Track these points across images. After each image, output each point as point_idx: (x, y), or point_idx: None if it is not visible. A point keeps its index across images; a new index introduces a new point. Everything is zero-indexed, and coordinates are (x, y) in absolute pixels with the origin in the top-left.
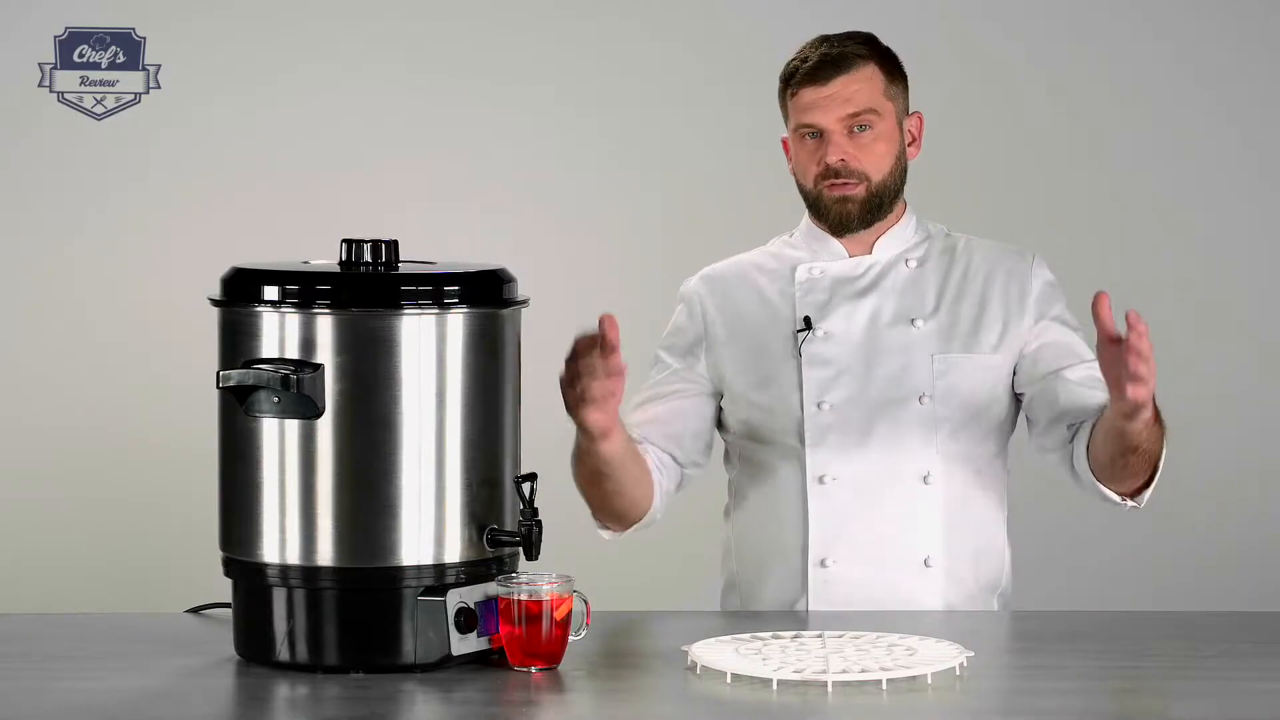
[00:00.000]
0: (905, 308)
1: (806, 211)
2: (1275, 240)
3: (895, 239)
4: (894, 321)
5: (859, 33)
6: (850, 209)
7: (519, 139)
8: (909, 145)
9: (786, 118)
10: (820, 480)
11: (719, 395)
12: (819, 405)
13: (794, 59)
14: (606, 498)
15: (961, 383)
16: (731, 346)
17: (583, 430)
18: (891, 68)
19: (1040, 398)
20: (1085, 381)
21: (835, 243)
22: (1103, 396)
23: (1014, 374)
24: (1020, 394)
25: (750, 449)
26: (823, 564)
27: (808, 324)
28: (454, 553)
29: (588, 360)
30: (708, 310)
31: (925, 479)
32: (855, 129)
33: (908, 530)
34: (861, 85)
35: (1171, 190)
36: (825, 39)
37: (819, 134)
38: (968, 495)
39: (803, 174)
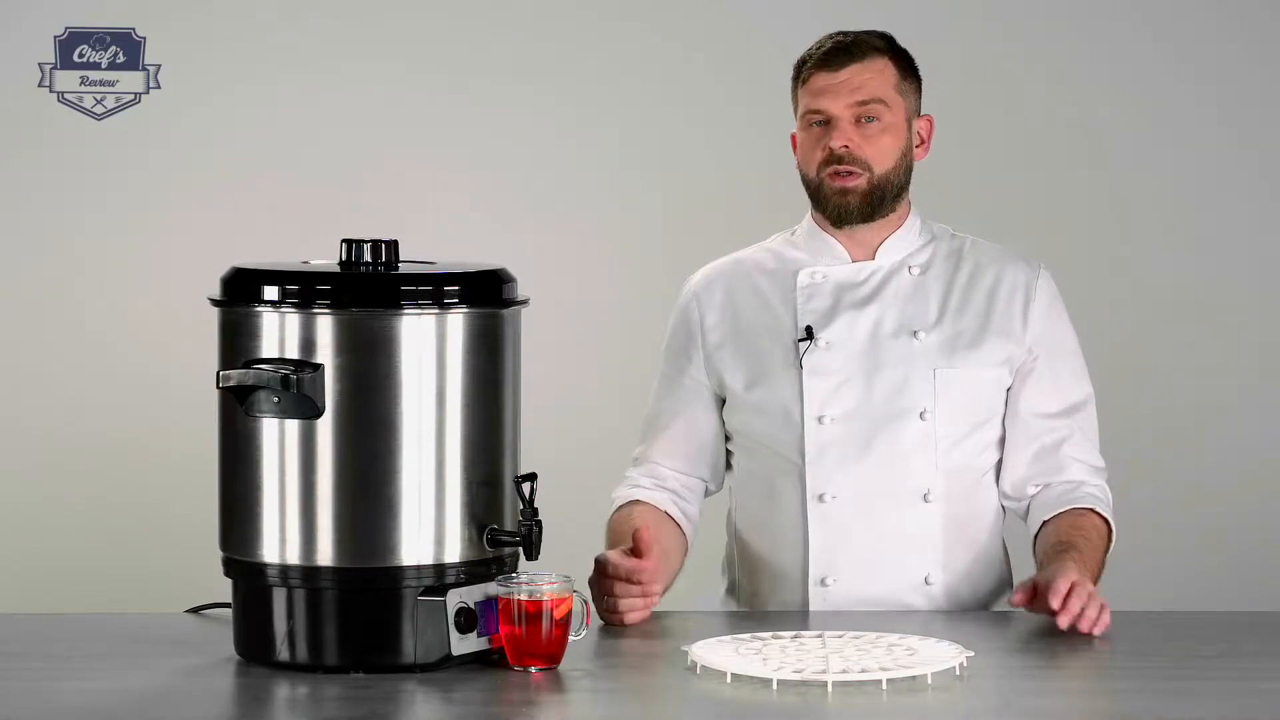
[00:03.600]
0: (908, 318)
1: (810, 210)
2: (1275, 240)
3: (899, 243)
4: (896, 332)
5: (877, 31)
6: (850, 201)
7: (519, 139)
8: (917, 146)
9: (796, 107)
10: (820, 499)
11: (721, 401)
12: (819, 419)
13: (809, 48)
14: None
15: (962, 397)
16: (730, 348)
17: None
18: (905, 66)
19: (1007, 439)
20: (1043, 453)
21: (838, 245)
22: (1054, 477)
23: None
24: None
25: (751, 461)
26: (823, 583)
27: (809, 334)
28: (454, 553)
29: (616, 581)
30: (705, 313)
31: (925, 496)
32: (863, 119)
33: (908, 549)
34: (873, 75)
35: (1171, 190)
36: (842, 32)
37: (826, 121)
38: (967, 510)
39: (806, 162)
